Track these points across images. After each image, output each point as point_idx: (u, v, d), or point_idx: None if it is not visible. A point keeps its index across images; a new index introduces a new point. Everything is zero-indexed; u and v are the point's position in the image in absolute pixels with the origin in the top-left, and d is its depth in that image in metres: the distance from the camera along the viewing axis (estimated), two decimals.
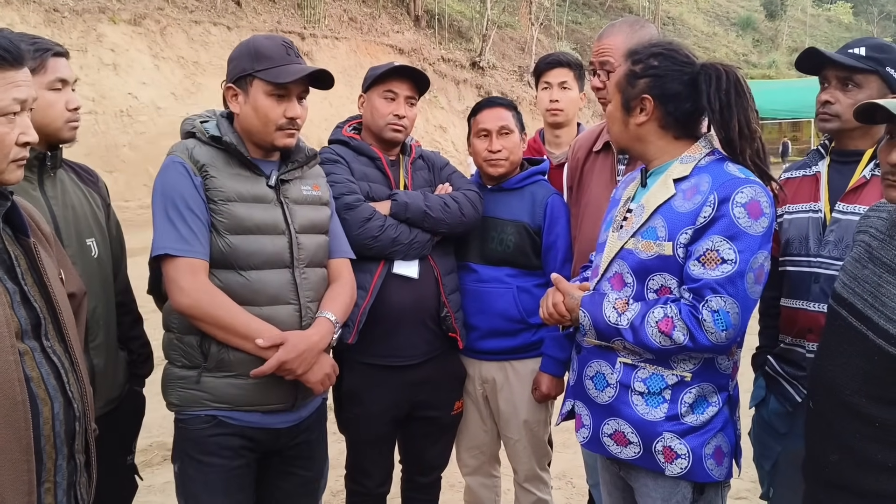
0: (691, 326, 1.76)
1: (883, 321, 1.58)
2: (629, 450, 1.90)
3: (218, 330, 1.97)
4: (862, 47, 2.13)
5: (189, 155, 2.03)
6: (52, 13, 11.48)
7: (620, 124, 1.96)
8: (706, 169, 1.85)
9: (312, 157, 2.26)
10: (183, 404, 2.05)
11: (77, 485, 1.51)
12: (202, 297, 1.95)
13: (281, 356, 1.97)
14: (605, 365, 1.95)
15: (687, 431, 1.84)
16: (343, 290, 2.24)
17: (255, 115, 2.06)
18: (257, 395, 2.04)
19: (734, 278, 1.74)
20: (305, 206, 2.18)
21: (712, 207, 1.76)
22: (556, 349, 2.58)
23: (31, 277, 1.49)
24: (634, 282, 1.89)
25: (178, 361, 2.06)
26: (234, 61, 2.09)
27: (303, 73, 2.03)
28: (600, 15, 29.92)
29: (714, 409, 1.88)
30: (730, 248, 1.75)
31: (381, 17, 18.18)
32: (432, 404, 2.62)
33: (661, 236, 1.84)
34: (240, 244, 2.02)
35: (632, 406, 1.88)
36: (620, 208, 2.04)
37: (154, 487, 3.73)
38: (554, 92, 3.20)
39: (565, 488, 3.92)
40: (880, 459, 1.58)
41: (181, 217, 1.96)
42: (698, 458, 1.83)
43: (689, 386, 1.85)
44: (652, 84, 1.89)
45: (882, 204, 1.76)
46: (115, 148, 11.38)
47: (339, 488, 3.14)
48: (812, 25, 43.41)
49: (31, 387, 1.39)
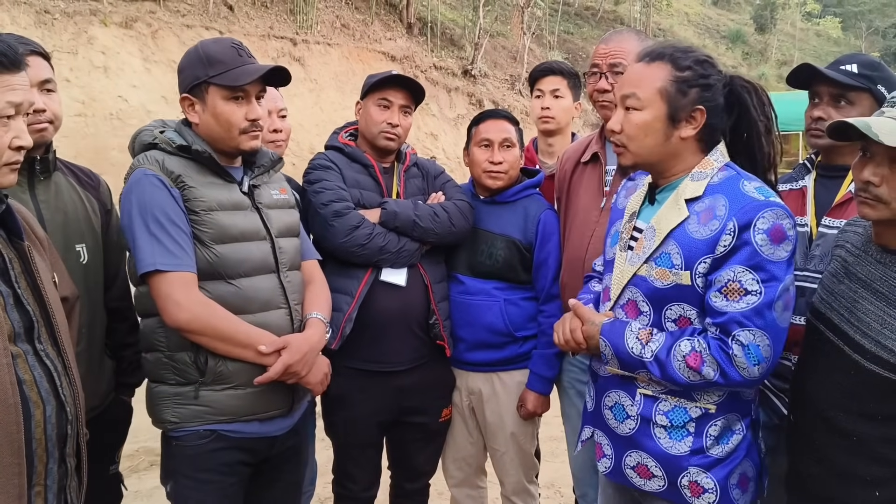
0: (722, 362, 1.65)
1: (859, 336, 1.60)
2: (653, 483, 1.82)
3: (218, 342, 1.93)
4: (854, 64, 2.13)
5: (161, 167, 1.96)
6: (43, 15, 11.41)
7: (660, 137, 1.76)
8: (720, 189, 1.73)
9: (277, 161, 2.24)
10: (181, 421, 1.98)
11: (67, 489, 1.51)
12: (200, 310, 1.91)
13: (286, 360, 1.97)
14: (624, 396, 1.85)
15: (713, 464, 1.76)
16: (322, 291, 2.26)
17: (216, 122, 2.01)
18: (258, 403, 2.02)
19: (761, 309, 1.63)
20: (278, 210, 2.17)
21: (732, 235, 1.65)
22: (543, 367, 2.58)
23: (25, 280, 1.49)
24: (651, 311, 1.79)
25: (171, 379, 2.00)
26: (186, 70, 2.03)
27: (260, 73, 2.00)
28: (592, 25, 30.05)
29: (738, 437, 1.79)
30: (753, 279, 1.64)
31: (373, 24, 18.17)
32: (420, 410, 2.62)
33: (676, 264, 1.72)
34: (227, 253, 1.99)
35: (654, 439, 1.79)
36: (626, 223, 1.93)
37: (141, 493, 3.70)
38: (546, 99, 3.20)
39: (553, 497, 3.92)
40: (860, 473, 1.60)
41: (164, 231, 1.90)
42: (724, 490, 1.76)
43: (714, 418, 1.76)
44: (703, 94, 1.75)
45: (858, 219, 1.77)
46: (104, 151, 11.31)
47: (328, 495, 3.13)
48: (801, 39, 43.76)
49: (24, 390, 1.39)
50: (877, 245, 1.66)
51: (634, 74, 1.80)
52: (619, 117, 1.82)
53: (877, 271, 1.63)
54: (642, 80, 1.78)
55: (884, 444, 1.58)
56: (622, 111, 1.81)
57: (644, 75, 1.78)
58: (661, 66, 1.76)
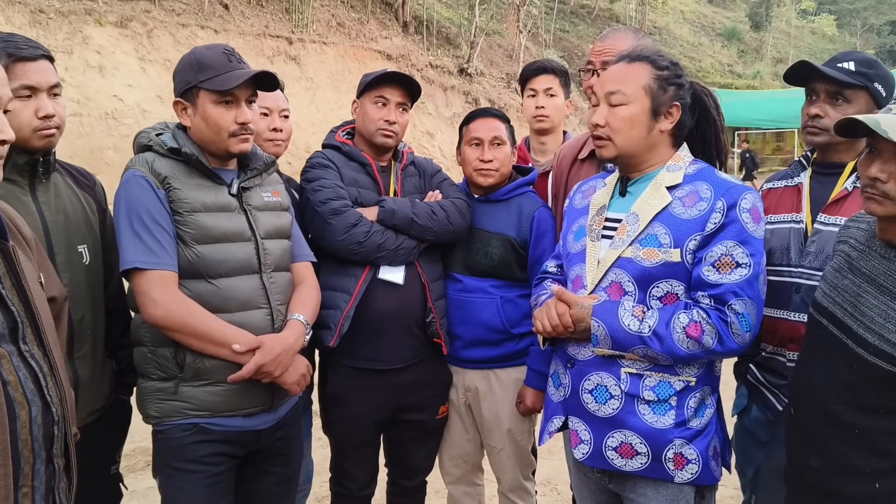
0: (721, 330, 1.79)
1: (862, 330, 1.61)
2: (635, 461, 1.89)
3: (193, 339, 1.98)
4: (851, 62, 2.14)
5: (150, 168, 2.03)
6: (38, 14, 11.38)
7: (643, 129, 1.93)
8: (699, 177, 1.92)
9: (271, 163, 2.28)
10: (162, 415, 2.04)
11: (56, 490, 1.50)
12: (175, 307, 1.96)
13: (258, 359, 1.99)
14: (607, 377, 1.92)
15: (694, 436, 1.87)
16: (310, 292, 2.27)
17: (206, 126, 2.06)
18: (236, 399, 2.06)
19: (752, 281, 1.81)
20: (268, 213, 2.20)
21: (721, 213, 1.82)
22: (540, 363, 2.58)
23: (10, 281, 1.47)
24: (636, 290, 1.89)
25: (154, 374, 2.06)
26: (179, 75, 2.09)
27: (245, 77, 2.04)
28: (588, 24, 30.10)
29: (711, 410, 1.93)
30: (743, 253, 1.81)
31: (369, 23, 18.17)
32: (417, 407, 2.63)
33: (665, 243, 1.86)
34: (208, 253, 2.03)
35: (639, 416, 1.88)
36: (594, 217, 2.03)
37: (137, 493, 3.70)
38: (540, 98, 3.19)
39: (550, 495, 3.93)
40: (860, 465, 1.62)
41: (147, 230, 1.96)
42: (706, 461, 1.87)
43: (693, 390, 1.89)
44: (679, 92, 1.94)
45: (862, 215, 1.79)
46: (99, 150, 11.28)
47: (325, 494, 3.13)
48: (796, 37, 43.84)
49: (8, 391, 1.37)
50: (881, 240, 1.67)
51: (618, 73, 1.97)
52: (603, 112, 1.96)
53: (881, 266, 1.64)
54: (627, 77, 1.94)
55: (885, 437, 1.59)
56: (606, 107, 1.95)
57: (628, 73, 1.94)
58: (643, 65, 1.94)
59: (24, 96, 1.96)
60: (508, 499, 2.81)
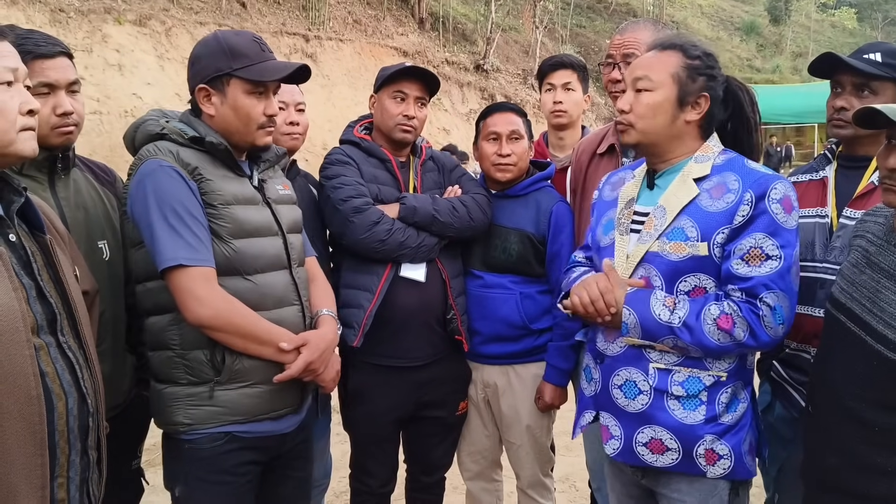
0: (752, 323, 1.76)
1: (881, 326, 1.58)
2: (666, 457, 1.87)
3: (237, 338, 1.88)
4: (877, 53, 2.10)
5: (176, 158, 1.89)
6: (58, 13, 11.48)
7: (668, 118, 1.88)
8: (727, 167, 1.87)
9: (283, 155, 2.22)
10: (195, 422, 1.91)
11: (89, 481, 1.52)
12: (223, 306, 1.85)
13: (307, 357, 1.95)
14: (635, 372, 1.90)
15: (725, 431, 1.85)
16: (326, 287, 2.25)
17: (234, 116, 1.96)
18: (272, 401, 1.98)
19: (783, 273, 1.78)
20: (285, 206, 2.14)
21: (750, 205, 1.78)
22: (559, 359, 2.58)
23: (47, 273, 1.50)
24: (663, 284, 1.87)
25: (183, 379, 1.92)
26: (204, 60, 1.97)
27: (288, 71, 1.98)
28: (604, 18, 29.91)
29: (744, 405, 1.89)
30: (773, 245, 1.77)
31: (385, 20, 18.17)
32: (437, 404, 2.63)
33: (692, 237, 1.83)
34: (245, 248, 1.94)
35: (668, 411, 1.86)
36: (622, 210, 2.00)
37: (158, 487, 3.71)
38: (558, 93, 3.15)
39: (569, 492, 3.92)
40: (879, 463, 1.59)
41: (184, 224, 1.83)
42: (739, 457, 1.85)
43: (724, 385, 1.86)
44: (709, 84, 1.89)
45: (879, 208, 1.76)
46: (119, 148, 11.38)
47: (343, 489, 3.14)
48: (816, 31, 43.33)
49: (47, 381, 1.40)
50: None
51: (647, 60, 1.94)
52: (628, 98, 1.93)
53: None
54: (655, 64, 1.91)
55: None
56: (632, 93, 1.93)
57: (657, 60, 1.91)
58: (673, 53, 1.90)
59: (43, 93, 1.92)
60: (527, 495, 2.80)
